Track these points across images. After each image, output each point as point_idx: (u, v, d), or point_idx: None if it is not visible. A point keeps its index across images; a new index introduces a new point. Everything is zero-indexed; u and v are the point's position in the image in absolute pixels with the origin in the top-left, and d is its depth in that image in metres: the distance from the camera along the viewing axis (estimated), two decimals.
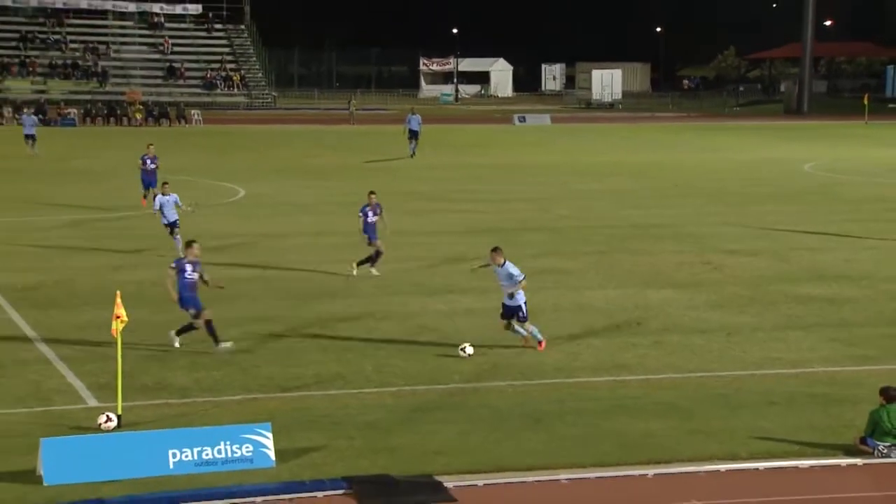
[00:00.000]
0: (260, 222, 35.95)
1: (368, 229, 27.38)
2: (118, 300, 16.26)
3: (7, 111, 78.07)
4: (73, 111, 79.83)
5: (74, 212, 37.13)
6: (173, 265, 20.43)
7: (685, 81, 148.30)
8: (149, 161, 38.15)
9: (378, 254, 27.51)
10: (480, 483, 14.34)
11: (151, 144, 39.52)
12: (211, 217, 36.55)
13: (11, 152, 56.44)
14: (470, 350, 20.02)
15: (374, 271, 27.34)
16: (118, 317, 16.28)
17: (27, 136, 54.06)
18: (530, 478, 14.51)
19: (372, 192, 28.08)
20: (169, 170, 49.56)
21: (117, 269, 27.42)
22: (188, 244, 20.78)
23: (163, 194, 29.72)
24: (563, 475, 14.61)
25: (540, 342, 20.55)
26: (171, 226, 29.39)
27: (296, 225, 35.59)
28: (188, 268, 20.22)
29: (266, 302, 24.43)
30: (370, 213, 27.50)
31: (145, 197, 37.50)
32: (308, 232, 34.15)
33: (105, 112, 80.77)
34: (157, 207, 29.52)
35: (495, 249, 20.81)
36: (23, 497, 13.60)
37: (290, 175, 49.81)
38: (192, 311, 20.11)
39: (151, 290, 24.62)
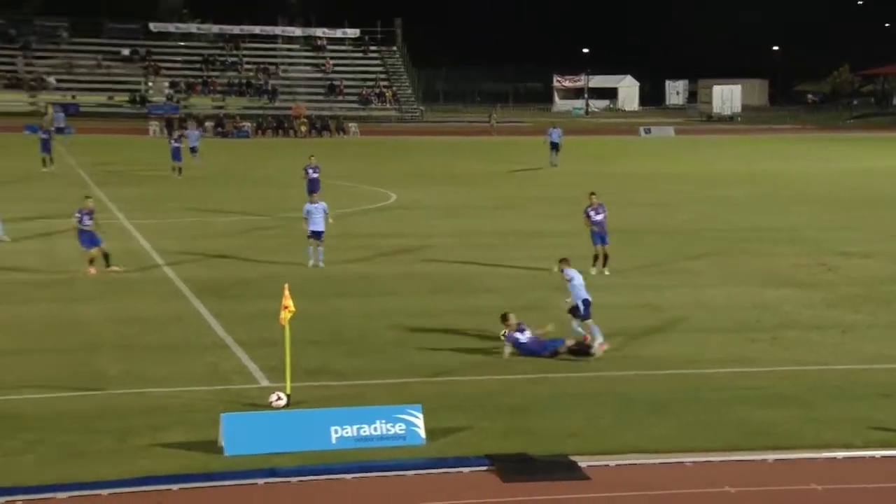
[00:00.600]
0: (411, 224, 36.16)
1: (598, 228, 26.19)
2: (286, 292, 16.52)
3: (191, 124, 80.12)
4: (246, 124, 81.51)
5: (246, 213, 37.85)
6: None
7: (809, 96, 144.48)
8: (311, 171, 38.77)
9: (604, 256, 26.40)
10: (612, 464, 14.18)
11: (312, 156, 40.18)
12: (366, 219, 37.01)
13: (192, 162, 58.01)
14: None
15: (605, 272, 26.41)
16: (286, 307, 16.54)
17: (191, 149, 54.20)
18: (657, 460, 14.30)
19: (592, 193, 27.06)
20: (330, 176, 50.37)
21: (285, 265, 27.86)
22: (503, 316, 19.37)
23: (311, 202, 28.33)
24: (688, 458, 14.37)
25: (601, 344, 19.28)
26: (316, 235, 27.74)
27: (444, 226, 35.70)
28: None
29: (416, 296, 24.56)
30: (592, 213, 26.49)
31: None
32: (456, 233, 34.23)
33: (274, 125, 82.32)
34: (305, 214, 28.07)
35: (563, 260, 20.32)
36: (207, 464, 13.92)
37: (438, 181, 50.03)
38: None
39: (316, 284, 24.97)
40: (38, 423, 15.24)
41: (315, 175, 38.71)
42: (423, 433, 14.87)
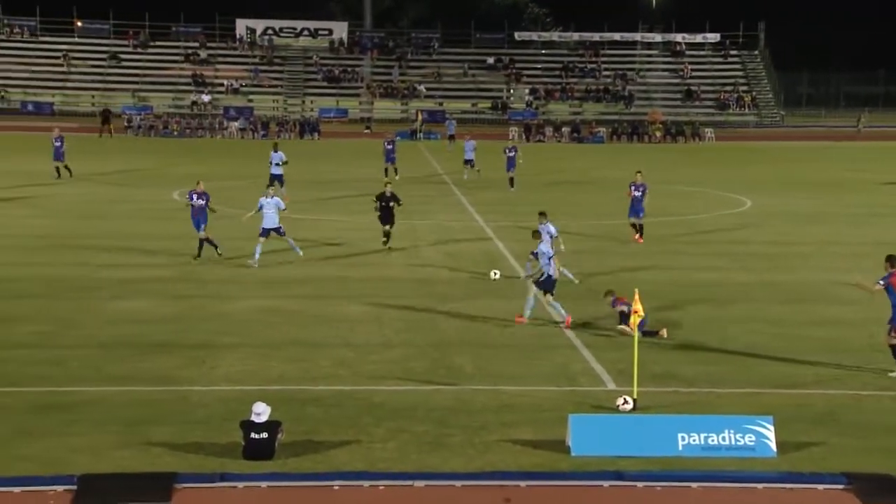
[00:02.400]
0: (767, 231, 35.10)
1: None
2: (636, 297, 16.49)
3: (548, 131, 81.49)
4: (601, 130, 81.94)
5: (592, 217, 38.04)
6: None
7: None
8: (634, 188, 35.89)
9: None
10: None
11: (639, 172, 36.97)
12: (719, 225, 36.25)
13: (544, 167, 58.96)
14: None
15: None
16: (636, 311, 16.51)
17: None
18: None
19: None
20: (681, 182, 49.93)
21: (634, 270, 27.81)
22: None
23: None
24: None
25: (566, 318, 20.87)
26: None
27: (800, 234, 34.43)
28: None
29: (770, 304, 23.91)
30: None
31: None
32: (816, 241, 32.94)
33: (629, 131, 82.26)
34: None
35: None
36: (554, 463, 14.10)
37: (796, 188, 48.24)
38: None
39: (667, 290, 24.78)
40: (399, 413, 16.01)
41: (638, 194, 36.99)
42: (774, 446, 14.39)
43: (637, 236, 31.77)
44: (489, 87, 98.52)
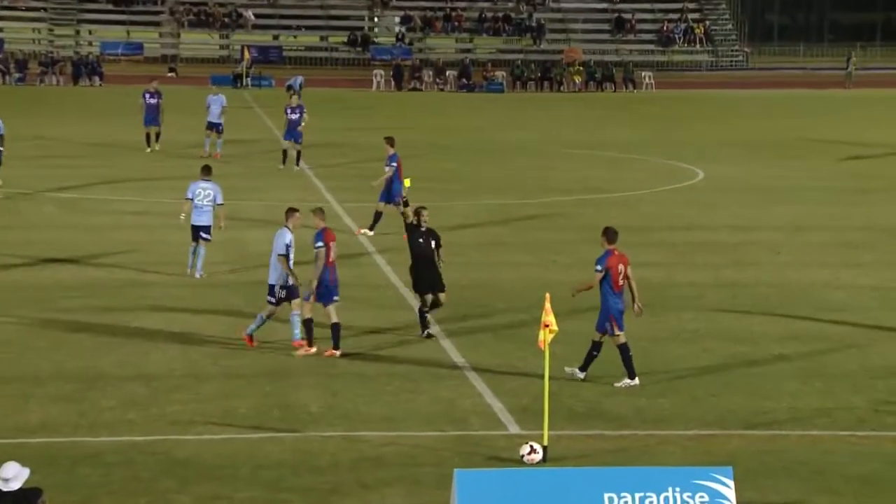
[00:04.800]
0: (724, 213, 35.70)
1: None
2: (547, 304, 16.52)
3: (428, 75, 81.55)
4: (500, 75, 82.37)
5: (494, 196, 38.15)
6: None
7: None
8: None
9: None
10: None
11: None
12: (661, 205, 36.70)
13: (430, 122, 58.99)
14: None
15: None
16: (546, 325, 16.54)
17: (211, 126, 45.41)
18: None
19: None
20: (613, 146, 50.47)
21: (546, 268, 27.93)
22: None
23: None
24: None
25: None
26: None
27: (770, 216, 35.12)
28: None
29: (727, 313, 24.25)
30: None
31: None
32: (787, 225, 33.62)
33: (538, 75, 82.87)
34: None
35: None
36: None
37: (762, 152, 49.25)
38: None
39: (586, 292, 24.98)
40: (214, 472, 15.83)
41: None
42: None
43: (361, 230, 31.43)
44: (344, 14, 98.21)
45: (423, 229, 22.39)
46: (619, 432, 17.52)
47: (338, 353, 20.95)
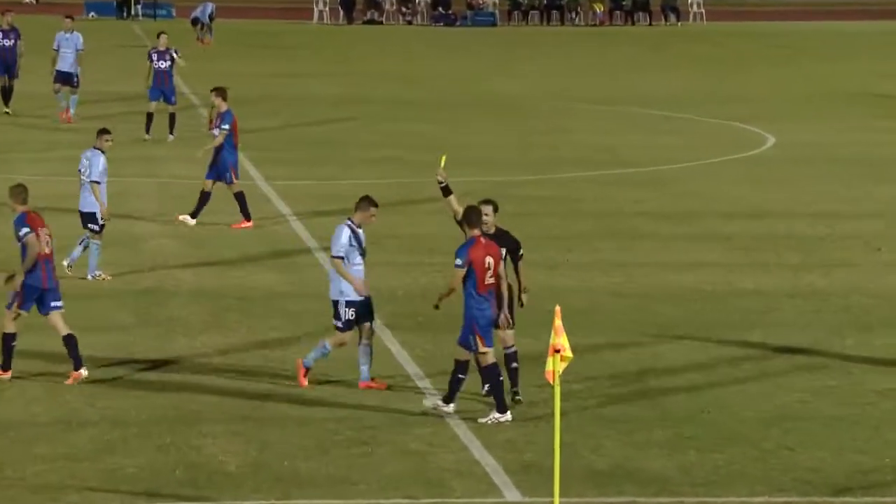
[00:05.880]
0: (797, 191, 35.96)
1: None
2: (557, 321, 16.35)
3: (390, 2, 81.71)
4: (491, 1, 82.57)
5: (482, 171, 37.97)
6: None
7: None
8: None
9: None
10: None
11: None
12: (717, 181, 36.79)
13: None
14: None
15: None
16: (557, 350, 16.39)
17: (61, 76, 46.87)
18: None
19: None
20: (648, 102, 50.43)
21: (554, 268, 27.95)
22: None
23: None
24: None
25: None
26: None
27: (861, 198, 35.37)
28: None
29: (811, 334, 24.28)
30: None
31: None
32: (884, 211, 33.88)
33: (543, 2, 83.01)
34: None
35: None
36: None
37: (854, 109, 49.58)
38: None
39: (613, 303, 24.98)
40: None
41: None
42: None
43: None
44: None
45: (490, 225, 20.50)
46: (656, 499, 17.48)
47: (83, 373, 20.96)
